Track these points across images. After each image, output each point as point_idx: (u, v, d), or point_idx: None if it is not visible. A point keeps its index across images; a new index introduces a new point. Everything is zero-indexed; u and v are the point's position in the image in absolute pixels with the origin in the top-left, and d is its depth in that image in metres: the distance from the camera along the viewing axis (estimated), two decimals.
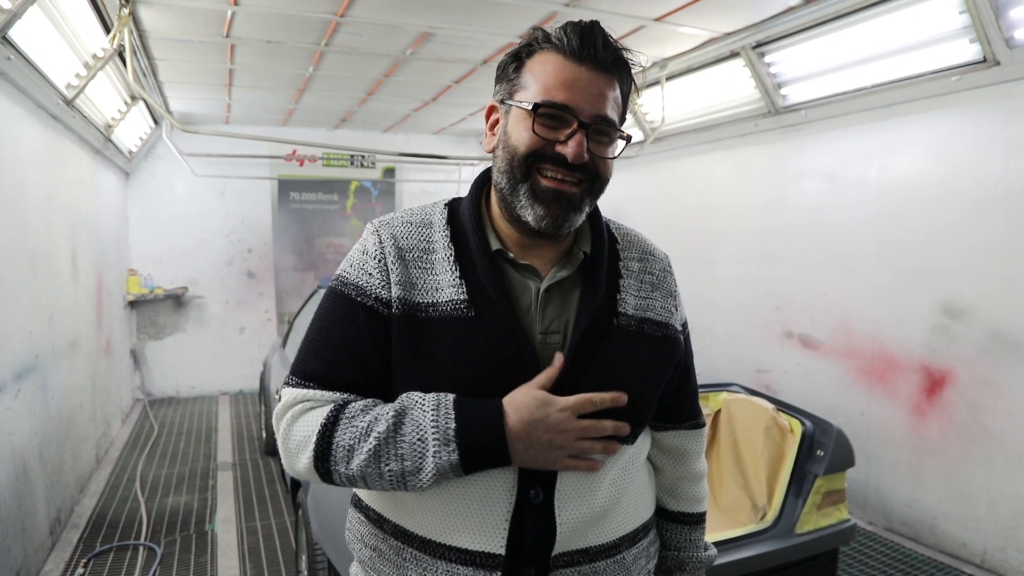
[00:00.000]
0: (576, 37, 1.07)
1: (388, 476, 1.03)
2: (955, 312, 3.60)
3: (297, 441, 1.09)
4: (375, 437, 1.03)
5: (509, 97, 1.11)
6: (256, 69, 5.03)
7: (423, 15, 3.87)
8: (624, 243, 1.26)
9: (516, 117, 1.10)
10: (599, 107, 1.07)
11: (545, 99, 1.06)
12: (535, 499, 1.08)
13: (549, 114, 1.06)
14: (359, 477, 1.04)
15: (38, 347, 3.63)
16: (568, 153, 1.06)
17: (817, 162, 4.45)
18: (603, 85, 1.08)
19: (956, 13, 3.26)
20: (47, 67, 3.48)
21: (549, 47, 1.09)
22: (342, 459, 1.05)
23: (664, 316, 1.23)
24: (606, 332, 1.14)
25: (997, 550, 3.43)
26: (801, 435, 2.81)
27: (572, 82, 1.06)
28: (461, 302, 1.09)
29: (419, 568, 1.11)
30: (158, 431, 6.07)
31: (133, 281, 6.87)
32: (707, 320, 5.38)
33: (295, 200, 7.78)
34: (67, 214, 4.38)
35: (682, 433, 1.32)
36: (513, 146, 1.09)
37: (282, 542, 3.86)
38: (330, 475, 1.06)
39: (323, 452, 1.05)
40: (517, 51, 1.13)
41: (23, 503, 3.25)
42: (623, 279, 1.21)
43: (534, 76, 1.09)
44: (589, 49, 1.07)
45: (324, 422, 1.06)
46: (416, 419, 1.03)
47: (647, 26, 4.01)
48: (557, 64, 1.07)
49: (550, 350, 1.11)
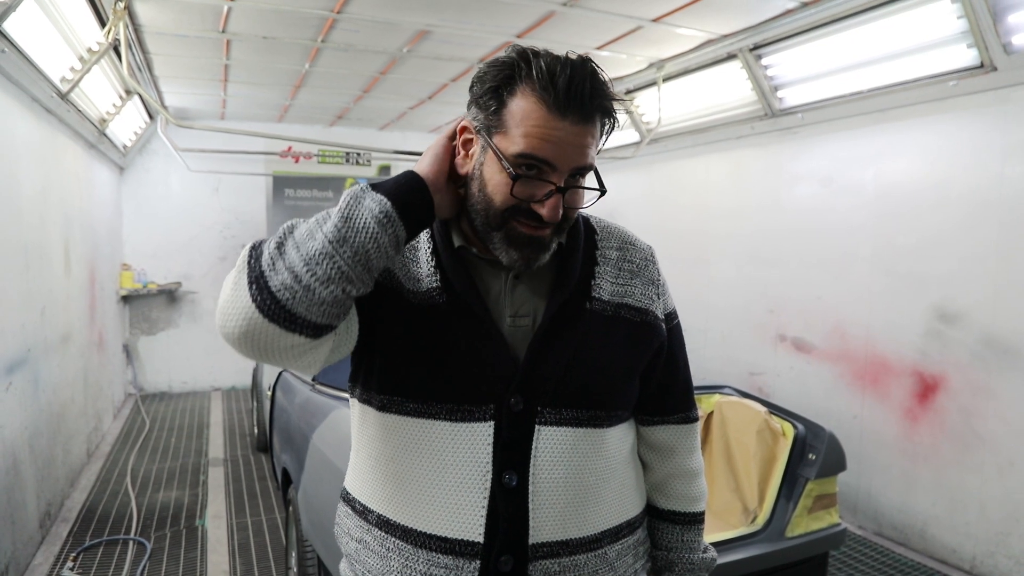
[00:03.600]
0: (563, 85, 1.01)
1: (315, 219, 1.01)
2: (948, 317, 3.61)
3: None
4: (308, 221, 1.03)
5: (487, 132, 1.07)
6: (252, 65, 5.02)
7: (420, 12, 3.86)
8: (603, 234, 1.27)
9: (493, 165, 1.06)
10: (579, 160, 1.05)
11: (526, 152, 1.03)
12: (509, 483, 1.09)
13: (529, 167, 1.04)
14: (291, 245, 0.99)
15: (30, 341, 3.61)
16: (543, 214, 1.06)
17: (813, 165, 4.45)
18: (584, 135, 1.05)
19: (954, 18, 3.26)
20: (42, 60, 3.46)
21: (531, 90, 1.03)
22: (276, 233, 1.02)
23: (644, 303, 1.23)
24: (578, 315, 1.17)
25: (987, 556, 3.44)
26: (793, 438, 2.81)
27: (555, 138, 1.03)
28: (435, 289, 1.14)
29: (402, 558, 1.12)
30: (150, 426, 6.05)
31: (126, 276, 6.86)
32: (701, 322, 5.39)
33: (290, 197, 7.76)
34: (60, 208, 4.36)
35: (671, 428, 1.31)
36: (489, 196, 1.07)
37: (272, 538, 3.85)
38: (260, 252, 1.00)
39: (259, 242, 1.03)
40: (497, 84, 1.05)
41: (13, 496, 3.23)
42: (599, 266, 1.22)
43: (515, 123, 1.04)
44: (576, 100, 1.02)
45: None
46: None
47: (644, 27, 4.01)
48: (540, 116, 1.02)
49: (520, 332, 1.15)
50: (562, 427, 1.13)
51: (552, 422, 1.12)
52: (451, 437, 1.11)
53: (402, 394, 1.14)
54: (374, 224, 0.98)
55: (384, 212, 0.99)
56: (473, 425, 1.11)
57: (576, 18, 3.85)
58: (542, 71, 1.02)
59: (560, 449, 1.13)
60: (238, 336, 0.99)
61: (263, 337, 0.98)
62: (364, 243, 0.97)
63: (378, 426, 1.17)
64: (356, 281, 0.98)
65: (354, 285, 0.98)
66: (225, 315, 1.00)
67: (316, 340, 1.01)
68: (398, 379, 1.14)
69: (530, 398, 1.12)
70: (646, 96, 5.43)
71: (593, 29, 4.08)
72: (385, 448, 1.16)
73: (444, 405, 1.11)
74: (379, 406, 1.17)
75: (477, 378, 1.12)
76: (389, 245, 1.00)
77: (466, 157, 1.12)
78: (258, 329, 0.97)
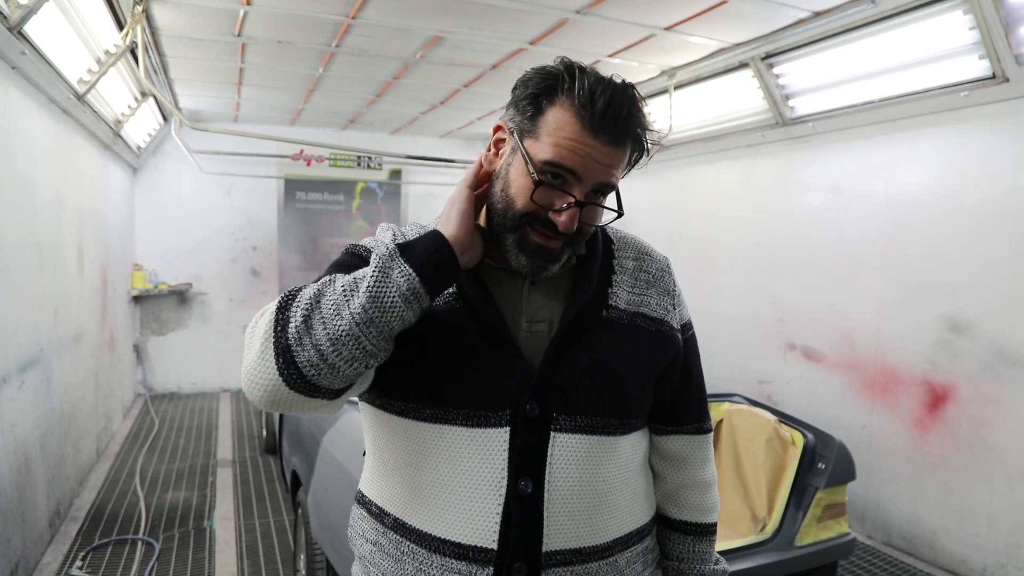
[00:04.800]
0: (601, 105, 1.03)
1: (342, 289, 1.01)
2: (959, 327, 3.60)
3: (265, 313, 1.08)
4: (334, 280, 1.05)
5: (520, 135, 1.10)
6: (266, 68, 5.05)
7: (434, 19, 3.88)
8: (620, 244, 1.29)
9: (520, 167, 1.09)
10: (603, 177, 1.08)
11: (553, 160, 1.06)
12: (524, 490, 1.10)
13: (554, 175, 1.06)
14: (318, 320, 1.00)
15: (43, 340, 3.64)
16: (560, 223, 1.07)
17: (824, 174, 4.45)
18: (613, 157, 1.08)
19: (966, 29, 3.26)
20: (60, 62, 3.50)
21: (570, 103, 1.05)
22: (302, 300, 1.03)
23: (660, 313, 1.24)
24: (594, 323, 1.18)
25: (997, 567, 3.42)
26: (803, 447, 2.81)
27: (584, 152, 1.05)
28: (451, 295, 1.15)
29: (416, 562, 1.13)
30: (159, 426, 6.08)
31: (138, 276, 6.90)
32: (710, 330, 5.38)
33: (301, 200, 7.80)
34: (75, 208, 4.39)
35: (684, 438, 1.31)
36: (512, 197, 1.10)
37: (280, 541, 3.86)
38: (287, 322, 1.01)
39: (286, 301, 1.04)
40: (538, 92, 1.08)
41: (24, 495, 3.26)
42: (616, 275, 1.24)
43: (548, 132, 1.06)
44: (610, 123, 1.05)
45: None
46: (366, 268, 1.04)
47: (657, 35, 4.02)
48: (573, 130, 1.05)
49: (535, 338, 1.16)
50: (577, 434, 1.13)
51: (567, 429, 1.13)
52: (467, 442, 1.11)
53: (418, 400, 1.15)
54: (401, 303, 1.00)
55: (412, 289, 1.01)
56: (489, 431, 1.11)
57: (589, 26, 3.87)
58: (584, 87, 1.04)
59: (575, 456, 1.13)
60: (262, 400, 1.06)
61: (287, 402, 1.04)
62: (390, 321, 1.01)
63: (394, 431, 1.18)
64: (379, 355, 1.03)
65: (376, 359, 1.03)
66: (252, 382, 1.05)
67: (337, 400, 1.07)
68: (415, 385, 1.15)
69: (545, 404, 1.12)
70: (657, 104, 5.43)
71: (606, 37, 4.09)
72: (403, 453, 1.17)
73: (460, 411, 1.12)
74: (396, 411, 1.17)
75: (493, 384, 1.12)
76: (413, 318, 1.03)
77: (496, 156, 1.15)
78: (283, 397, 1.03)
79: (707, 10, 3.60)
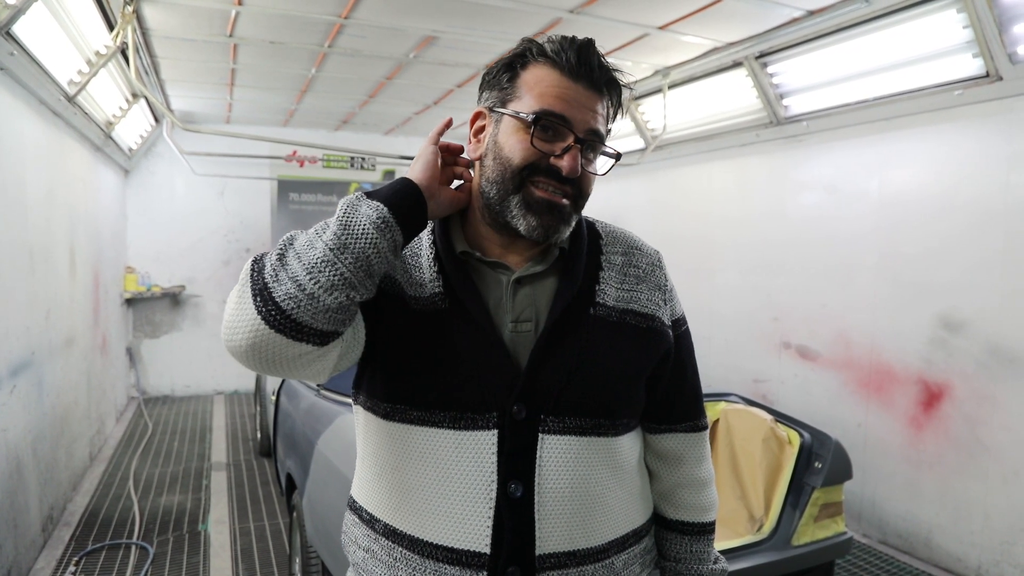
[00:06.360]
0: (573, 54, 1.09)
1: (314, 229, 1.02)
2: (953, 326, 3.61)
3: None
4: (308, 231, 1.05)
5: (501, 105, 1.13)
6: (258, 69, 5.03)
7: (427, 19, 3.87)
8: (608, 239, 1.27)
9: (509, 128, 1.11)
10: (592, 123, 1.11)
11: (544, 108, 1.08)
12: (514, 494, 1.09)
13: (547, 125, 1.08)
14: (293, 255, 1.00)
15: (34, 343, 3.61)
16: (563, 167, 1.09)
17: (818, 173, 4.45)
18: (595, 102, 1.12)
19: (959, 27, 3.27)
20: (50, 63, 3.47)
21: (544, 60, 1.11)
22: (276, 245, 1.03)
23: (650, 309, 1.23)
24: (581, 321, 1.16)
25: (992, 565, 3.43)
26: (799, 447, 2.81)
27: (569, 97, 1.09)
28: (437, 295, 1.14)
29: (408, 568, 1.12)
30: (152, 430, 6.05)
31: (130, 279, 6.86)
32: (705, 329, 5.38)
33: (294, 201, 7.77)
34: (66, 211, 4.36)
35: (679, 436, 1.29)
36: (507, 157, 1.11)
37: (275, 544, 3.84)
38: (263, 266, 1.01)
39: (259, 255, 1.03)
40: (511, 60, 1.13)
41: (16, 500, 3.23)
42: (604, 271, 1.22)
43: (529, 88, 1.10)
44: (585, 67, 1.09)
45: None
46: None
47: (651, 34, 4.02)
48: (554, 78, 1.09)
49: (521, 338, 1.14)
50: (566, 436, 1.12)
51: (555, 431, 1.11)
52: (455, 446, 1.10)
53: (405, 402, 1.13)
54: (373, 230, 0.99)
55: (382, 218, 1.01)
56: (477, 433, 1.10)
57: (582, 25, 3.86)
58: (553, 43, 1.11)
59: (565, 459, 1.12)
60: (245, 349, 1.00)
61: (270, 348, 0.99)
62: (364, 248, 0.99)
63: (383, 434, 1.17)
64: (359, 287, 0.99)
65: (357, 291, 1.00)
66: (231, 329, 1.00)
67: (323, 348, 1.01)
68: (401, 386, 1.14)
69: (532, 406, 1.11)
70: (651, 103, 5.43)
71: (599, 36, 4.00)
72: (390, 457, 1.15)
73: (447, 413, 1.11)
74: (383, 414, 1.16)
75: (479, 385, 1.11)
76: (388, 250, 1.01)
77: (477, 143, 1.17)
78: (265, 340, 0.98)
79: (701, 9, 3.60)
